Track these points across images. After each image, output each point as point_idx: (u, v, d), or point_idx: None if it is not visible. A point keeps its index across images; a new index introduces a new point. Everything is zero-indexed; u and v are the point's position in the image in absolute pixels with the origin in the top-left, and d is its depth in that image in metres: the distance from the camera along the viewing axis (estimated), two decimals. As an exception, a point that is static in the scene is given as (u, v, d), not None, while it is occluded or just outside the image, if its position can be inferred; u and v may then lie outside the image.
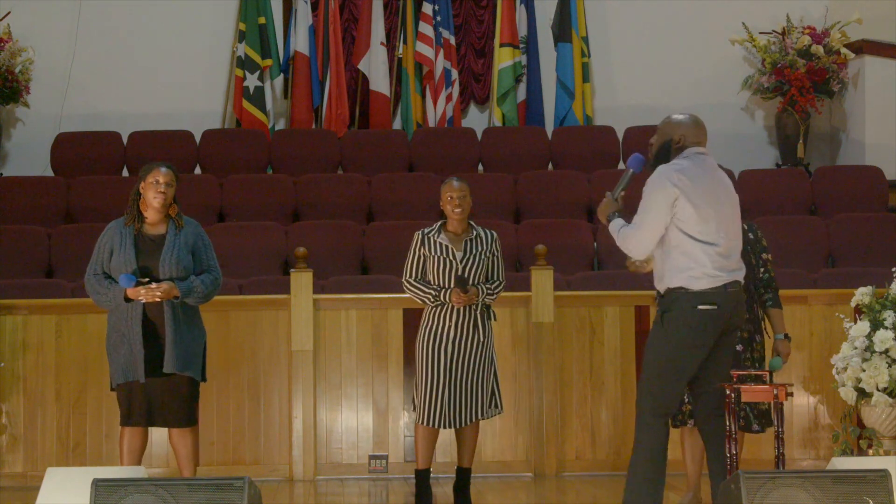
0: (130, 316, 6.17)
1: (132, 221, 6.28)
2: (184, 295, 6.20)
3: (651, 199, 5.55)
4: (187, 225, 6.36)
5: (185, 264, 6.25)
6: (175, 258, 6.21)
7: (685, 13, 11.41)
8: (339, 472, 7.99)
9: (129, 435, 6.30)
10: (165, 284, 6.15)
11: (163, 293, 6.13)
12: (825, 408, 8.02)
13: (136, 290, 6.12)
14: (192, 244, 6.31)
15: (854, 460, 5.60)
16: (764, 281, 6.54)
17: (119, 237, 6.25)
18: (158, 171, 6.28)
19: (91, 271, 6.30)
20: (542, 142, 10.79)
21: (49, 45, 10.94)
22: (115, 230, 6.29)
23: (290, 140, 10.82)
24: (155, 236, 6.28)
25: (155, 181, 6.25)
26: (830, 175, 10.42)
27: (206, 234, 6.45)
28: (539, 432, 7.95)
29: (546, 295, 8.03)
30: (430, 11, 11.09)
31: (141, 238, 6.27)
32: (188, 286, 6.21)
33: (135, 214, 6.29)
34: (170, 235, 6.27)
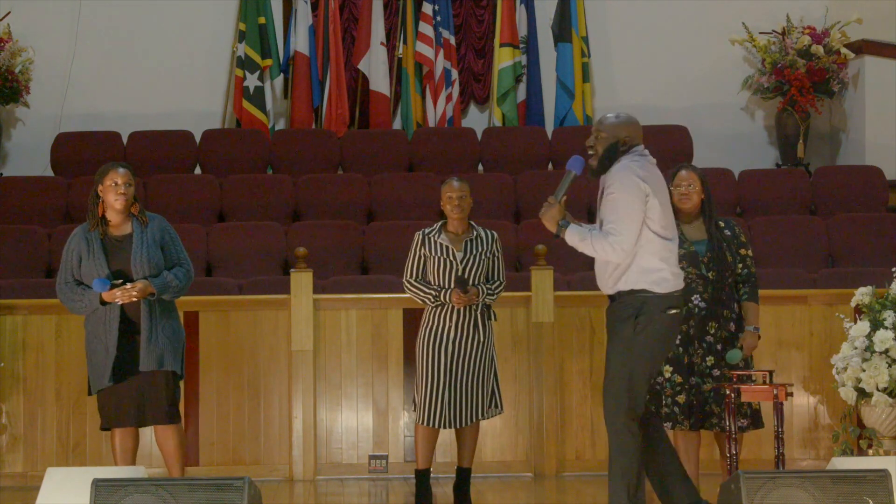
0: (108, 319, 6.17)
1: (96, 226, 6.24)
2: (160, 291, 6.19)
3: (626, 200, 5.43)
4: (152, 220, 6.32)
5: (156, 261, 6.23)
6: (146, 256, 6.20)
7: (685, 13, 11.40)
8: (339, 472, 7.99)
9: (120, 436, 6.30)
10: (140, 283, 6.14)
11: (138, 292, 6.13)
12: (825, 408, 8.02)
13: (112, 292, 6.11)
14: (159, 240, 6.29)
15: (854, 460, 5.60)
16: (742, 276, 6.51)
17: (86, 243, 6.23)
18: (115, 172, 6.23)
19: (62, 280, 6.28)
20: (542, 142, 10.79)
21: (49, 45, 10.93)
22: (80, 237, 6.27)
23: (290, 140, 10.81)
24: (121, 237, 6.26)
25: (113, 183, 6.20)
26: (830, 175, 10.42)
27: (171, 227, 6.41)
28: (539, 432, 7.95)
29: (546, 295, 8.03)
30: (430, 11, 11.08)
31: (108, 241, 6.24)
32: (162, 282, 6.20)
33: (97, 219, 6.25)
34: (136, 234, 6.24)
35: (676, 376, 6.41)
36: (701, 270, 6.41)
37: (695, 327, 6.40)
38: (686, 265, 6.37)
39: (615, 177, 5.46)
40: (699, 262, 6.41)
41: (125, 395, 6.21)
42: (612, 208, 5.43)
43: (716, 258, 6.41)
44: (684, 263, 6.36)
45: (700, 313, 6.40)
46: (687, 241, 6.45)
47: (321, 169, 10.47)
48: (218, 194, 10.00)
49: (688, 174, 6.51)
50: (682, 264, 6.37)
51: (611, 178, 5.46)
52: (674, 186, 6.51)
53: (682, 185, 6.49)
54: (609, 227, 5.42)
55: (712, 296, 6.41)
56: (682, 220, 6.46)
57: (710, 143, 11.01)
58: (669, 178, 6.56)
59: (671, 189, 6.50)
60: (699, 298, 6.40)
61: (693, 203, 6.49)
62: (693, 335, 6.40)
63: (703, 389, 6.39)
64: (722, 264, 6.42)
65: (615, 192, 5.42)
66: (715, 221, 6.51)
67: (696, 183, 6.50)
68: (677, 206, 6.46)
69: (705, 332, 6.40)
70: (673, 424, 6.41)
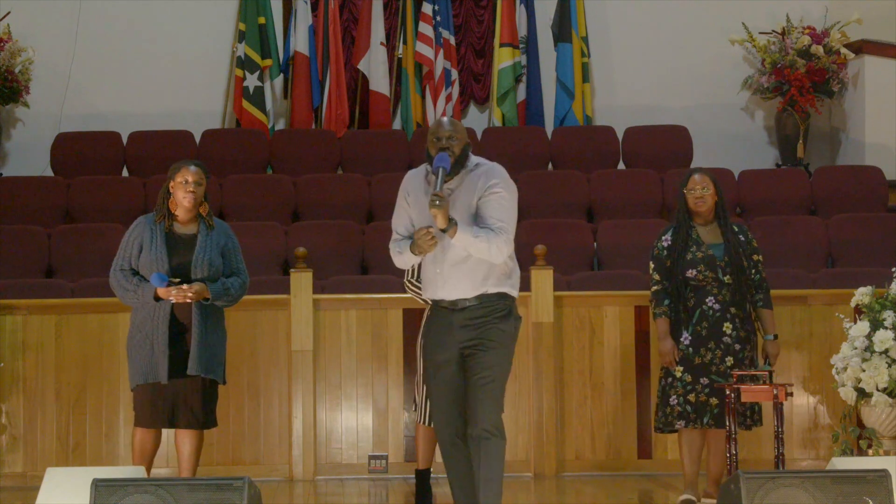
0: (157, 315, 6.12)
1: (162, 219, 6.22)
2: (215, 297, 6.17)
3: (511, 201, 5.37)
4: (217, 226, 6.32)
5: (217, 266, 6.22)
6: (207, 259, 6.18)
7: (685, 13, 11.41)
8: (339, 472, 7.99)
9: (141, 436, 6.23)
10: (197, 285, 6.11)
11: (194, 294, 6.10)
12: (825, 408, 8.02)
13: (168, 289, 6.08)
14: (222, 245, 6.28)
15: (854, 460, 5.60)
16: (755, 282, 6.63)
17: (149, 234, 6.19)
18: (187, 169, 6.21)
19: (117, 266, 6.22)
20: (542, 142, 10.79)
21: (49, 45, 10.93)
22: (145, 226, 6.22)
23: (290, 140, 10.82)
24: (186, 236, 6.23)
25: (184, 180, 6.19)
26: (830, 175, 10.42)
27: (235, 236, 6.41)
28: (539, 432, 7.95)
29: (546, 295, 8.03)
30: (429, 11, 11.08)
31: (172, 236, 6.21)
32: (220, 288, 6.18)
33: (164, 213, 6.23)
34: (201, 236, 6.23)
35: (687, 375, 6.53)
36: (717, 274, 6.53)
37: (708, 328, 6.52)
38: (704, 269, 6.52)
39: (500, 175, 5.38)
40: (716, 266, 6.53)
41: (161, 396, 6.15)
42: (499, 206, 5.32)
43: (733, 262, 6.53)
44: (702, 267, 6.52)
45: (714, 315, 6.52)
46: (704, 244, 6.57)
47: (321, 169, 10.48)
48: (218, 194, 9.99)
49: (701, 178, 6.61)
50: (699, 267, 6.48)
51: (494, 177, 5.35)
52: (687, 190, 6.61)
53: (697, 189, 6.59)
54: (501, 224, 5.30)
55: (727, 299, 6.52)
56: (697, 224, 6.60)
57: (710, 143, 11.01)
58: (682, 181, 6.63)
59: (684, 193, 6.57)
60: (713, 300, 6.53)
61: (708, 206, 6.61)
62: (706, 336, 6.51)
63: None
64: (739, 269, 6.53)
65: (503, 191, 5.34)
66: (730, 225, 6.61)
67: (710, 186, 6.62)
68: (693, 209, 6.60)
69: (721, 332, 6.51)
70: (686, 423, 6.49)
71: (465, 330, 5.35)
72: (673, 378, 6.55)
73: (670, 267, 6.59)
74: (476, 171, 5.39)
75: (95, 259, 8.91)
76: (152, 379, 6.11)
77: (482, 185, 5.34)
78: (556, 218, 9.76)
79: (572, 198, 10.08)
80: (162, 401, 6.17)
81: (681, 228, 6.62)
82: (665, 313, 6.61)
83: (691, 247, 6.57)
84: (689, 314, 6.56)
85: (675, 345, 6.57)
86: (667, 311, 6.60)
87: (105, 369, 7.91)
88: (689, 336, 6.52)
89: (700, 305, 6.53)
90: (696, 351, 6.51)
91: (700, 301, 6.53)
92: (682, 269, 6.56)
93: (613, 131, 10.82)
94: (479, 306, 5.35)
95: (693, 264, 6.54)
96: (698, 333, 6.51)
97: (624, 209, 9.90)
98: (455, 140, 5.37)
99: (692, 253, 6.56)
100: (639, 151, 10.71)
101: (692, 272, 6.54)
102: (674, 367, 6.57)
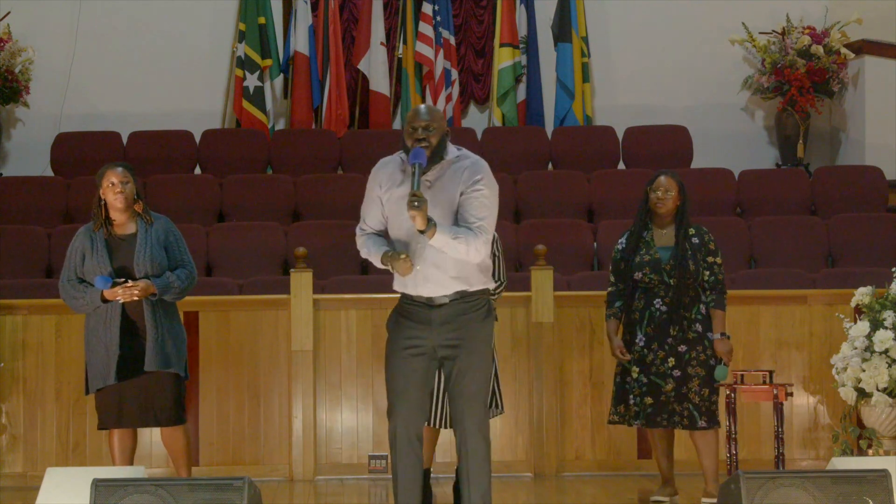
0: (109, 317, 6.17)
1: (100, 227, 6.26)
2: (161, 292, 6.19)
3: (493, 199, 5.19)
4: (157, 220, 6.33)
5: (160, 261, 6.24)
6: (149, 255, 6.21)
7: (685, 13, 11.41)
8: (338, 472, 7.99)
9: (119, 436, 6.30)
10: (142, 282, 6.14)
11: (140, 291, 6.12)
12: (825, 408, 8.02)
13: (114, 290, 6.11)
14: (163, 240, 6.30)
15: (854, 460, 5.60)
16: (709, 283, 6.67)
17: (90, 241, 6.25)
18: (112, 171, 6.25)
19: (64, 277, 6.28)
20: (542, 142, 10.79)
21: (49, 45, 10.94)
22: (85, 235, 6.28)
23: (290, 140, 10.82)
24: (125, 236, 6.27)
25: (110, 183, 6.22)
26: (830, 175, 10.42)
27: (176, 228, 6.42)
28: (539, 432, 7.95)
29: (546, 295, 8.03)
30: (429, 11, 11.08)
31: (112, 240, 6.25)
32: (164, 282, 6.21)
33: (101, 220, 6.26)
34: (140, 233, 6.26)
35: (643, 377, 6.63)
36: (663, 277, 6.61)
37: (654, 329, 6.61)
38: (649, 271, 6.63)
39: (484, 171, 5.20)
40: (661, 268, 6.62)
41: (127, 396, 6.20)
42: (481, 205, 5.14)
43: (678, 266, 6.59)
44: (647, 269, 6.65)
45: (661, 317, 6.61)
46: (653, 247, 6.68)
47: (321, 169, 10.48)
48: (218, 194, 10.00)
49: (666, 180, 6.71)
50: (645, 270, 6.60)
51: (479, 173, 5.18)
52: (651, 190, 6.71)
53: (659, 191, 6.69)
54: (480, 223, 5.12)
55: (673, 300, 6.59)
56: (655, 225, 6.72)
57: (710, 143, 11.01)
58: (649, 180, 6.71)
59: (647, 191, 6.65)
60: (660, 302, 6.62)
61: (667, 208, 6.69)
62: (653, 336, 6.60)
63: (665, 390, 6.57)
64: (683, 272, 6.59)
65: (486, 189, 5.16)
66: (685, 229, 6.67)
67: (674, 189, 6.70)
68: (653, 209, 6.71)
69: (667, 334, 6.59)
70: (646, 422, 6.57)
71: (444, 328, 5.18)
72: (630, 378, 6.65)
73: (623, 269, 6.71)
74: (459, 164, 5.21)
75: (95, 259, 8.91)
76: (110, 381, 6.16)
77: (467, 179, 5.16)
78: (556, 218, 9.76)
79: (572, 198, 10.08)
80: (129, 400, 6.20)
81: (636, 230, 6.73)
82: (615, 314, 6.75)
83: (641, 249, 6.67)
84: (640, 315, 6.65)
85: (621, 343, 6.67)
86: (616, 313, 6.74)
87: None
88: (643, 337, 6.62)
89: (649, 307, 6.63)
90: (650, 350, 6.61)
91: (649, 303, 6.63)
92: (631, 270, 6.66)
93: (613, 131, 10.82)
94: (458, 303, 5.18)
95: (640, 267, 6.64)
96: (648, 334, 6.61)
97: (624, 209, 9.89)
98: (432, 130, 5.17)
99: (640, 256, 6.66)
100: (639, 151, 10.71)
101: (639, 274, 6.64)
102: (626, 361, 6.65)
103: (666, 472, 6.77)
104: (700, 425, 6.56)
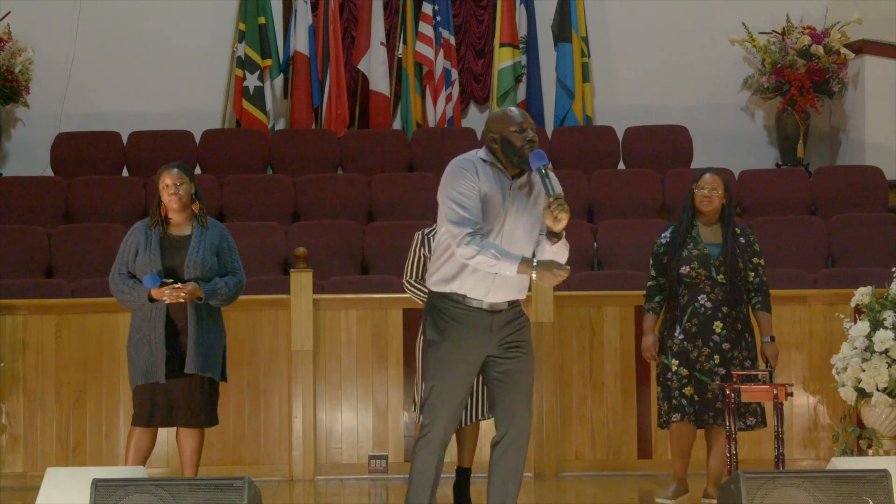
0: (153, 316, 6.18)
1: (156, 224, 6.30)
2: (207, 297, 6.21)
3: None
4: (212, 226, 6.39)
5: (210, 265, 6.26)
6: (200, 259, 6.23)
7: (685, 13, 11.41)
8: (339, 472, 7.99)
9: (138, 434, 6.29)
10: (190, 285, 6.16)
11: (187, 294, 6.14)
12: (825, 408, 8.02)
13: (161, 290, 6.13)
14: (216, 245, 6.34)
15: (854, 460, 5.60)
16: (754, 285, 6.68)
17: (144, 238, 6.27)
18: (168, 173, 6.31)
19: (115, 271, 6.31)
20: (542, 142, 10.75)
21: (49, 45, 10.94)
22: (141, 231, 6.32)
23: (290, 140, 10.82)
24: (180, 237, 6.31)
25: (165, 185, 6.29)
26: (830, 175, 10.42)
27: (230, 236, 6.48)
28: (539, 432, 7.95)
29: (546, 295, 8.03)
30: (429, 11, 11.09)
31: (166, 239, 6.29)
32: (212, 288, 6.23)
33: (157, 218, 6.31)
34: (195, 236, 6.30)
35: (682, 369, 6.58)
36: (711, 273, 6.57)
37: (699, 325, 6.56)
38: (697, 266, 6.59)
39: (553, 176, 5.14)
40: (710, 264, 6.58)
41: (160, 396, 6.22)
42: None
43: (728, 263, 6.56)
44: (696, 264, 6.59)
45: (705, 313, 6.56)
46: (701, 242, 6.64)
47: (321, 169, 10.48)
48: (218, 194, 10.00)
49: (712, 178, 6.68)
50: (693, 264, 6.53)
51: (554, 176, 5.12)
52: (697, 188, 6.70)
53: (706, 188, 6.66)
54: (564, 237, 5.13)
55: (720, 297, 6.55)
56: (701, 222, 6.71)
57: (710, 143, 11.02)
58: (693, 179, 6.70)
59: (694, 190, 6.64)
60: (706, 298, 6.58)
61: (714, 207, 6.67)
62: (697, 333, 6.56)
63: (710, 387, 6.52)
64: (733, 269, 6.57)
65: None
66: (733, 227, 6.67)
67: (720, 187, 6.68)
68: (699, 207, 6.69)
69: (711, 331, 6.55)
70: (682, 416, 6.54)
71: (502, 332, 5.15)
72: (671, 372, 6.60)
73: (667, 263, 6.67)
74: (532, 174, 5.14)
75: (95, 259, 8.92)
76: (152, 379, 6.17)
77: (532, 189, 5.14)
78: (556, 218, 9.74)
79: (572, 198, 9.97)
80: (161, 400, 6.22)
81: (682, 225, 6.69)
82: (653, 309, 6.70)
83: (689, 244, 6.63)
84: (682, 311, 6.60)
85: (656, 341, 6.66)
86: (655, 308, 6.69)
87: (105, 369, 7.91)
88: (682, 332, 6.58)
89: (692, 303, 6.57)
90: (691, 344, 6.57)
91: (693, 298, 6.58)
92: (677, 265, 6.61)
93: (613, 131, 10.82)
94: (510, 309, 5.18)
95: (688, 261, 6.59)
96: (689, 330, 6.56)
97: (624, 209, 9.90)
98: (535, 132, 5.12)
99: (688, 250, 6.62)
100: (639, 151, 10.71)
101: (686, 269, 6.59)
102: (658, 360, 6.65)
103: (680, 471, 6.71)
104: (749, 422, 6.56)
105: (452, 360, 5.14)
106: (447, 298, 5.15)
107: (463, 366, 5.15)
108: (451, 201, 5.04)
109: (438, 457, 5.20)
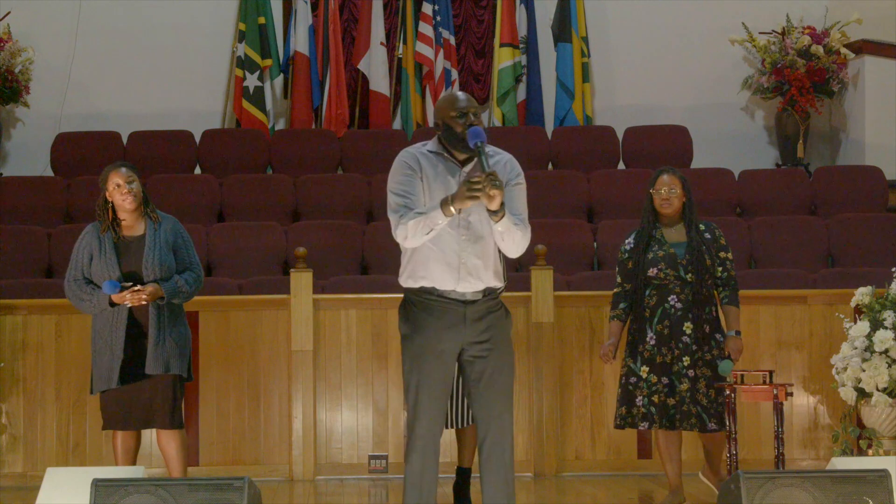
0: (115, 320, 6.13)
1: (107, 229, 6.19)
2: (169, 296, 6.16)
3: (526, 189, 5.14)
4: (164, 220, 6.28)
5: (168, 264, 6.21)
6: (157, 260, 6.17)
7: (685, 13, 11.41)
8: (338, 472, 7.99)
9: (122, 436, 6.29)
10: (150, 287, 6.10)
11: (148, 296, 6.09)
12: (825, 408, 8.02)
13: (122, 295, 6.07)
14: (172, 242, 6.26)
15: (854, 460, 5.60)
16: (723, 279, 6.56)
17: (98, 242, 6.19)
18: (116, 172, 6.18)
19: (70, 277, 6.24)
20: (542, 142, 10.79)
21: (49, 45, 10.94)
22: (93, 235, 6.21)
23: (289, 140, 10.82)
24: (134, 238, 6.22)
25: (116, 185, 6.16)
26: (830, 175, 10.42)
27: (184, 229, 6.38)
28: (539, 432, 7.95)
29: (546, 295, 8.03)
30: (429, 11, 11.09)
31: (121, 242, 6.20)
32: (173, 287, 6.17)
33: (107, 223, 6.20)
34: (149, 236, 6.21)
35: (652, 376, 6.48)
36: (679, 272, 6.47)
37: (670, 327, 6.46)
38: (664, 266, 6.48)
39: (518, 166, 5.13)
40: (678, 264, 6.47)
41: (132, 398, 6.19)
42: (522, 200, 5.12)
43: (695, 261, 6.45)
44: (663, 265, 6.49)
45: (676, 314, 6.46)
46: (666, 243, 6.53)
47: (321, 169, 10.48)
48: (218, 194, 10.00)
49: (669, 178, 6.55)
50: (660, 266, 6.45)
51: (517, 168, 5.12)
52: (654, 190, 6.56)
53: (663, 190, 6.54)
54: (523, 216, 5.05)
55: (689, 297, 6.46)
56: (663, 224, 6.59)
57: (710, 143, 11.02)
58: (650, 182, 6.60)
59: (651, 192, 6.54)
60: (675, 299, 6.47)
61: (674, 208, 6.56)
62: (668, 335, 6.46)
63: (680, 390, 6.43)
64: (700, 267, 6.46)
65: (524, 184, 5.14)
66: (696, 224, 6.55)
67: (678, 187, 6.55)
68: (658, 210, 6.56)
69: (682, 332, 6.45)
70: (650, 424, 6.46)
71: (476, 325, 5.09)
72: (638, 378, 6.48)
73: (632, 268, 6.53)
74: (496, 158, 5.13)
75: (95, 259, 8.92)
76: (113, 385, 6.14)
77: (509, 171, 5.10)
78: (556, 218, 9.76)
79: (572, 198, 10.08)
80: (134, 402, 6.19)
81: (644, 230, 6.57)
82: (618, 316, 6.59)
83: (653, 246, 6.51)
84: (652, 312, 6.48)
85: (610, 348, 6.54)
86: (620, 315, 6.58)
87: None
88: (654, 335, 6.45)
89: (662, 304, 6.45)
90: (658, 350, 6.46)
91: (662, 300, 6.45)
92: (643, 268, 6.50)
93: (613, 131, 10.82)
94: (486, 300, 5.10)
95: (654, 263, 6.47)
96: (661, 332, 6.44)
97: (624, 209, 9.90)
98: (478, 115, 5.09)
99: (654, 252, 6.49)
100: (639, 151, 10.70)
101: (653, 270, 6.47)
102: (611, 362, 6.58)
103: (674, 478, 6.56)
104: (711, 427, 6.41)
105: (426, 352, 5.07)
106: (418, 292, 5.09)
107: (438, 357, 5.06)
108: (389, 194, 5.06)
109: (427, 454, 5.12)
